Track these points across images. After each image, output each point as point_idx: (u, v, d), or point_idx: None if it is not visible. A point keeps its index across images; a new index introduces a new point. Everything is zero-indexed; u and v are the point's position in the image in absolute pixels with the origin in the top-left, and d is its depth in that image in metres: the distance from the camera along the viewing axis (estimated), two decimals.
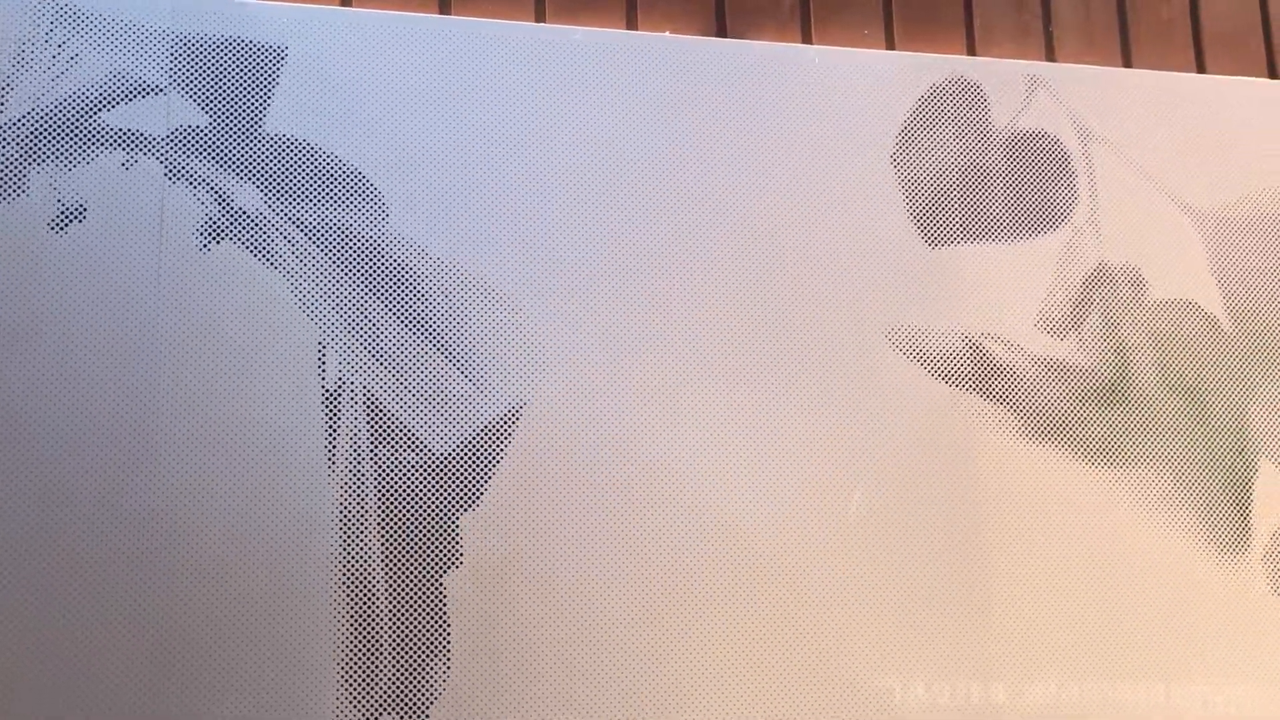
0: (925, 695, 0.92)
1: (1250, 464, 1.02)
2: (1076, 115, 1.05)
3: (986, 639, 0.94)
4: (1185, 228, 1.05)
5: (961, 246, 1.00)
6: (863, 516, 0.94)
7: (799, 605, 0.91)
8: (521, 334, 0.90)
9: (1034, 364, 1.00)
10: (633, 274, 0.93)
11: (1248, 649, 0.99)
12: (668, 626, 0.88)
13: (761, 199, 0.97)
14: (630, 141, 0.95)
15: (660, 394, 0.92)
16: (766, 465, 0.93)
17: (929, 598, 0.94)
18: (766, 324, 0.95)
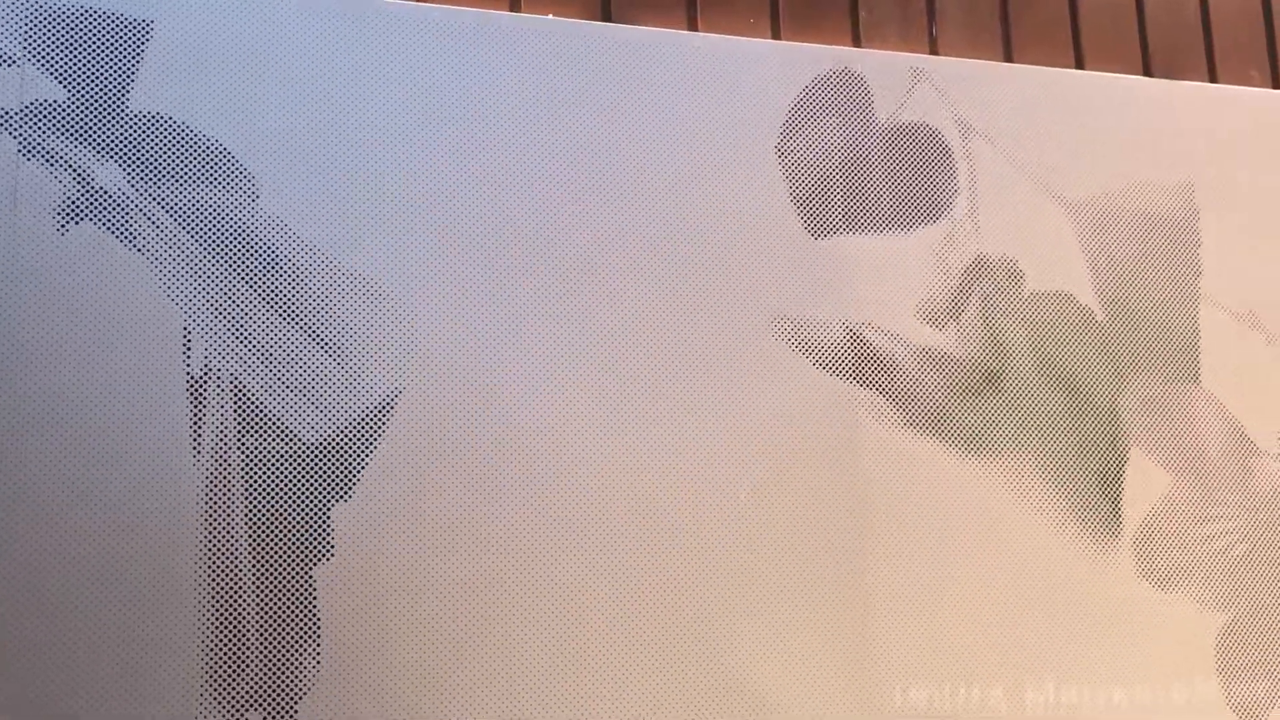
0: (807, 689, 0.92)
1: (1122, 453, 1.05)
2: (958, 109, 1.06)
3: (867, 627, 0.95)
4: (1061, 221, 1.07)
5: (844, 237, 1.01)
6: (751, 506, 0.94)
7: (680, 596, 0.91)
8: (396, 322, 0.88)
9: (914, 354, 1.01)
10: (510, 261, 0.92)
11: (1117, 632, 1.01)
12: (541, 618, 0.87)
13: (644, 187, 0.96)
14: (510, 126, 0.94)
15: (539, 383, 0.91)
16: (648, 455, 0.92)
17: (812, 587, 0.94)
18: (650, 312, 0.95)
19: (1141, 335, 1.07)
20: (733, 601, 0.92)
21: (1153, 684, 1.01)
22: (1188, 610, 1.04)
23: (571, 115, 0.95)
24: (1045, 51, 1.12)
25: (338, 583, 0.84)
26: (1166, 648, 1.02)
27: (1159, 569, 1.03)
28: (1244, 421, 1.09)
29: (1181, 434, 1.07)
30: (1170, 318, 1.08)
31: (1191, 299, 1.09)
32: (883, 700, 0.94)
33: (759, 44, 1.02)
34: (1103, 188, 1.09)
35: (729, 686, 0.90)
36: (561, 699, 0.86)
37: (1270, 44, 1.21)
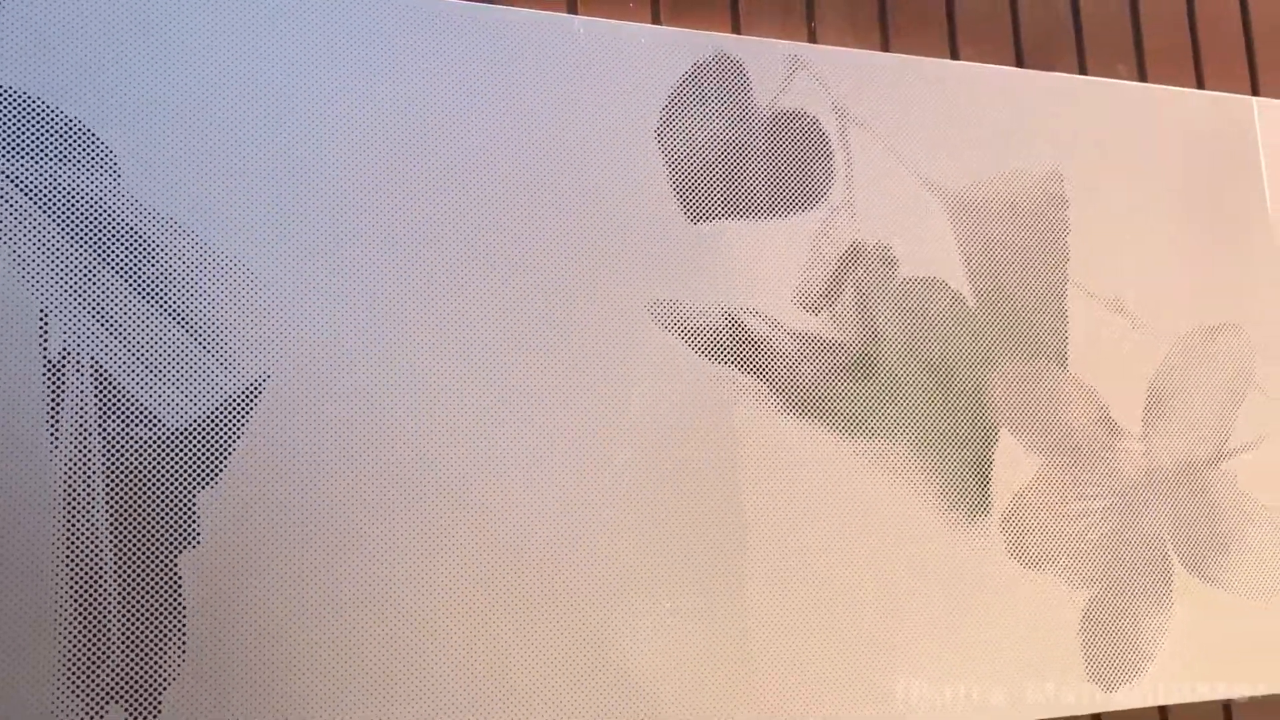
0: (682, 678, 0.93)
1: (991, 434, 1.07)
2: (836, 97, 1.07)
3: (744, 613, 0.96)
4: (934, 208, 1.09)
5: (723, 222, 1.02)
6: (623, 490, 0.94)
7: (550, 584, 0.91)
8: (265, 304, 0.86)
9: (791, 338, 1.02)
10: (384, 243, 0.91)
11: (987, 610, 1.04)
12: (410, 609, 0.86)
13: (523, 170, 0.96)
14: (384, 108, 0.92)
15: (415, 368, 0.90)
16: (521, 441, 0.92)
17: (688, 572, 0.95)
18: (526, 297, 0.94)
19: (1011, 320, 1.10)
20: (607, 588, 0.92)
21: (1020, 659, 1.04)
22: (1054, 587, 1.07)
23: (446, 98, 0.94)
24: (922, 41, 1.14)
25: (204, 571, 0.82)
26: (1033, 624, 1.06)
27: (1027, 548, 1.07)
28: (1109, 404, 1.12)
29: (1049, 417, 1.10)
30: (1039, 303, 1.12)
31: (1059, 285, 1.13)
32: (761, 685, 0.95)
33: (639, 28, 1.02)
34: (975, 176, 1.11)
35: (603, 677, 0.91)
36: (431, 693, 0.86)
37: (1137, 39, 1.25)
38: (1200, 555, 1.13)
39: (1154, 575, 1.11)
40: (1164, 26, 1.26)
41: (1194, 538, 1.13)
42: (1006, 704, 1.03)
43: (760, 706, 0.95)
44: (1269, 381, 1.19)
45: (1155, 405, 1.14)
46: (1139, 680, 1.08)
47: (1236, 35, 1.30)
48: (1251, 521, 1.15)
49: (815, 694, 0.97)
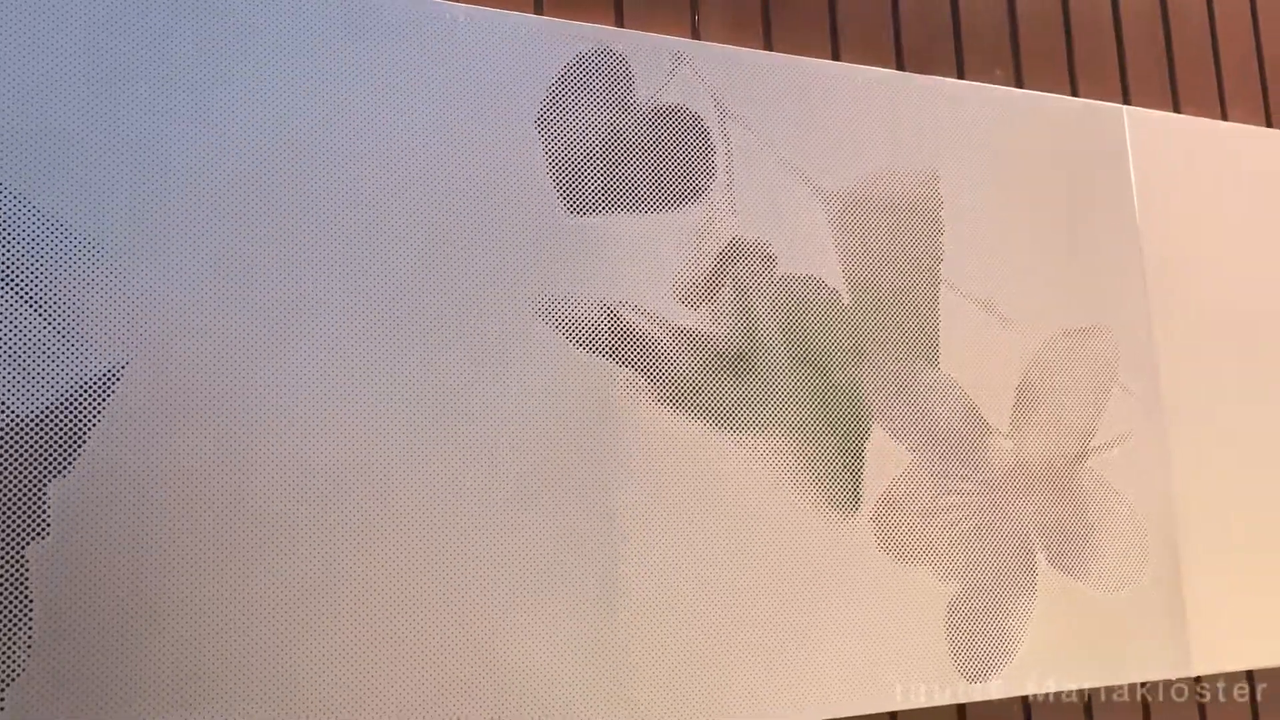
0: (557, 672, 0.93)
1: (864, 431, 1.09)
2: (717, 93, 1.08)
3: (617, 607, 0.96)
4: (813, 206, 1.10)
5: (603, 216, 1.02)
6: (501, 484, 0.93)
7: (429, 583, 0.90)
8: (124, 287, 0.84)
9: (670, 333, 1.03)
10: (252, 231, 0.89)
11: (857, 602, 1.06)
12: (280, 606, 0.85)
13: (398, 158, 0.95)
14: (259, 94, 0.90)
15: (283, 359, 0.88)
16: (401, 434, 0.91)
17: (565, 566, 0.95)
18: (403, 288, 0.93)
19: (885, 318, 1.12)
20: (483, 583, 0.92)
21: (888, 651, 1.06)
22: (922, 580, 1.09)
23: (325, 85, 0.93)
24: (804, 42, 1.16)
25: (53, 563, 0.79)
26: (901, 616, 1.08)
27: (896, 542, 1.09)
28: (978, 402, 1.15)
29: (921, 413, 1.12)
30: (912, 302, 1.14)
31: (933, 285, 1.15)
32: (636, 683, 0.96)
33: (522, 19, 1.02)
34: (853, 175, 1.13)
35: (479, 672, 0.90)
36: (296, 693, 0.84)
37: (1015, 45, 1.28)
38: (1064, 549, 1.16)
39: (1019, 569, 1.14)
40: (1041, 34, 1.29)
41: (1058, 532, 1.17)
42: (875, 696, 1.05)
43: (636, 704, 0.95)
44: (1133, 381, 1.23)
45: (1023, 403, 1.17)
46: (1002, 671, 1.11)
47: (1110, 45, 1.34)
48: (1113, 516, 1.19)
49: (689, 690, 0.98)
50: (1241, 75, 1.43)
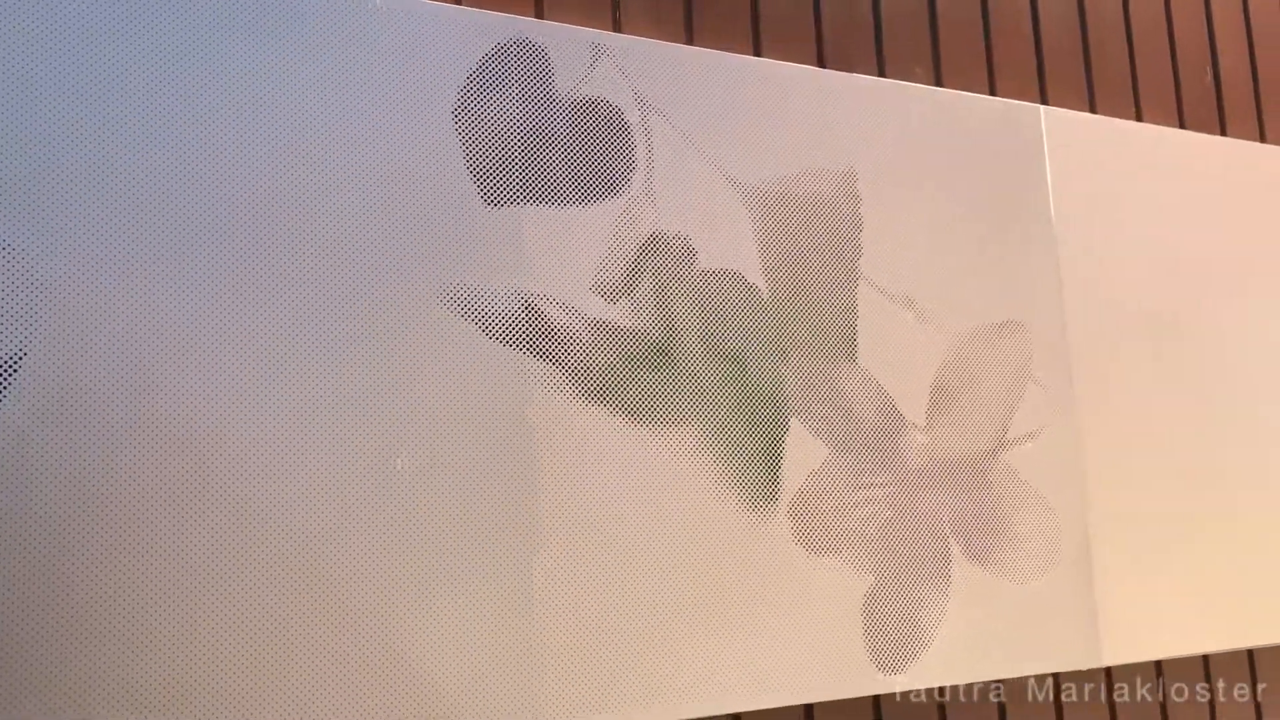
0: (470, 670, 0.92)
1: (782, 423, 1.10)
2: (638, 87, 1.08)
3: (533, 603, 0.95)
4: (733, 201, 1.11)
5: (521, 207, 1.01)
6: (412, 478, 0.93)
7: (341, 579, 0.89)
8: (21, 276, 0.82)
9: (588, 326, 1.02)
10: (158, 222, 0.87)
11: (773, 595, 1.06)
12: (172, 599, 0.83)
13: (313, 150, 0.93)
14: (169, 84, 0.88)
15: (189, 352, 0.86)
16: (308, 428, 0.90)
17: (478, 560, 0.94)
18: (314, 279, 0.92)
19: (804, 313, 1.13)
20: (392, 583, 0.91)
21: (804, 644, 1.07)
22: (838, 573, 1.10)
23: (235, 73, 0.91)
24: (726, 37, 1.16)
25: None
26: (818, 609, 1.09)
27: (813, 535, 1.10)
28: (895, 397, 1.16)
29: (839, 408, 1.13)
30: (831, 297, 1.15)
31: (851, 281, 1.16)
32: (550, 680, 0.95)
33: (439, 8, 1.01)
34: (774, 171, 1.14)
35: (388, 672, 0.89)
36: (195, 688, 0.83)
37: (935, 44, 1.29)
38: (978, 542, 1.18)
39: (934, 561, 1.16)
40: (961, 33, 1.31)
41: (973, 525, 1.18)
42: (790, 688, 1.06)
43: (550, 700, 0.95)
44: (1047, 376, 1.25)
45: (940, 398, 1.19)
46: (917, 663, 1.13)
47: (1028, 45, 1.36)
48: (1027, 509, 1.21)
49: (605, 687, 0.98)
50: (1157, 77, 1.46)
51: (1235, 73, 1.53)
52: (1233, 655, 1.38)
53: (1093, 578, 1.24)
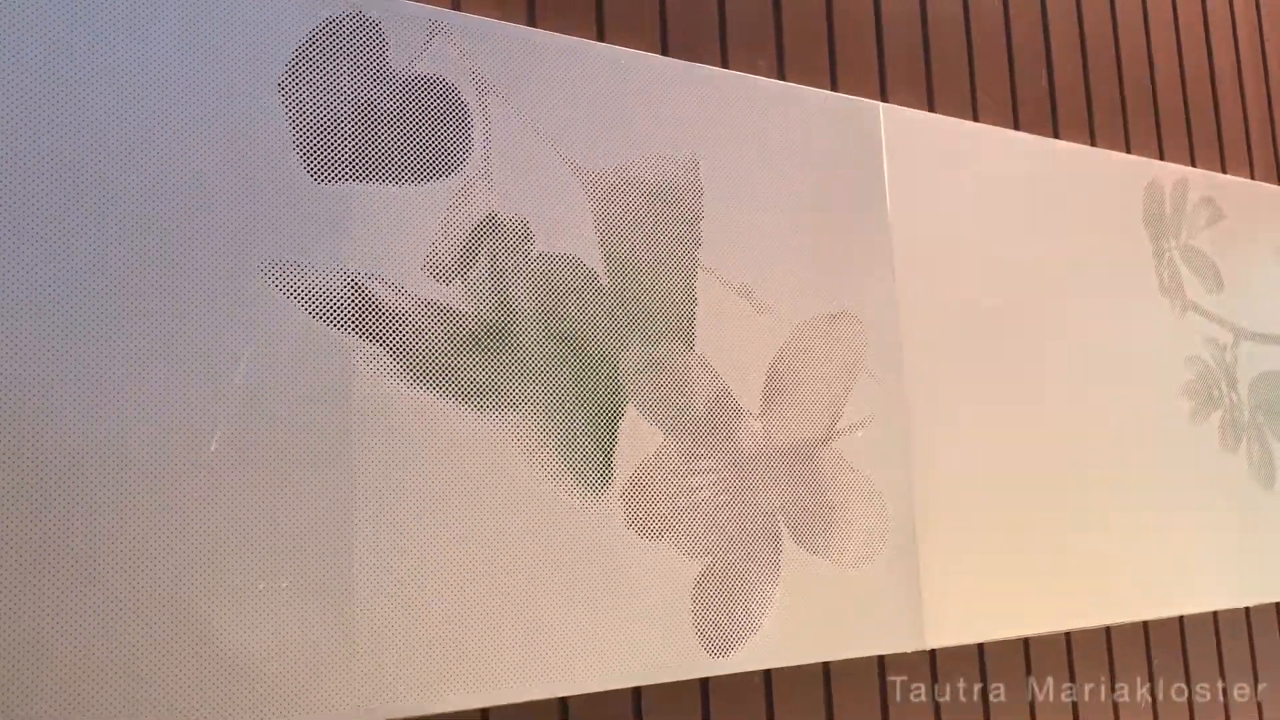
0: (289, 657, 0.90)
1: (618, 408, 1.10)
2: (476, 67, 1.07)
3: (352, 588, 0.94)
4: (572, 185, 1.10)
5: (350, 184, 0.99)
6: (226, 457, 0.90)
7: (152, 562, 0.86)
8: None
9: (418, 307, 1.01)
10: None
11: (605, 579, 1.07)
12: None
13: (132, 119, 0.90)
14: None
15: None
16: (120, 407, 0.86)
17: (296, 543, 0.92)
18: (129, 252, 0.88)
19: (643, 299, 1.13)
20: (205, 567, 0.88)
21: (633, 626, 1.08)
22: (669, 557, 1.11)
23: (52, 42, 0.87)
24: (569, 20, 1.15)
25: None
26: (648, 592, 1.09)
27: (645, 519, 1.10)
28: (731, 384, 1.18)
29: (675, 394, 1.14)
30: (670, 284, 1.15)
31: (690, 268, 1.17)
32: (368, 667, 0.94)
33: None
34: (615, 157, 1.14)
35: (201, 660, 0.87)
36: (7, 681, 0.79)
37: (779, 37, 1.31)
38: (807, 527, 1.21)
39: (765, 546, 1.18)
40: (804, 27, 1.33)
41: (803, 511, 1.21)
42: (617, 672, 1.06)
43: (372, 687, 0.94)
44: (879, 367, 1.28)
45: (774, 386, 1.21)
46: (745, 646, 1.15)
47: (870, 42, 1.39)
48: (856, 495, 1.24)
49: (427, 672, 0.97)
50: (993, 79, 1.50)
51: (1069, 78, 1.59)
52: (1050, 639, 1.44)
53: (918, 564, 1.27)
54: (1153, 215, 1.61)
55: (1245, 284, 1.71)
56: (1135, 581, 1.49)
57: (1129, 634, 1.52)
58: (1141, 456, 1.53)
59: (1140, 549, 1.50)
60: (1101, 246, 1.54)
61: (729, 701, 1.17)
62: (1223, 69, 1.80)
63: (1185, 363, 1.60)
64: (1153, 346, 1.57)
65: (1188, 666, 1.58)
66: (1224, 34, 1.82)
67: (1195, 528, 1.57)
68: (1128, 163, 1.60)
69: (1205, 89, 1.77)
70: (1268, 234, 1.77)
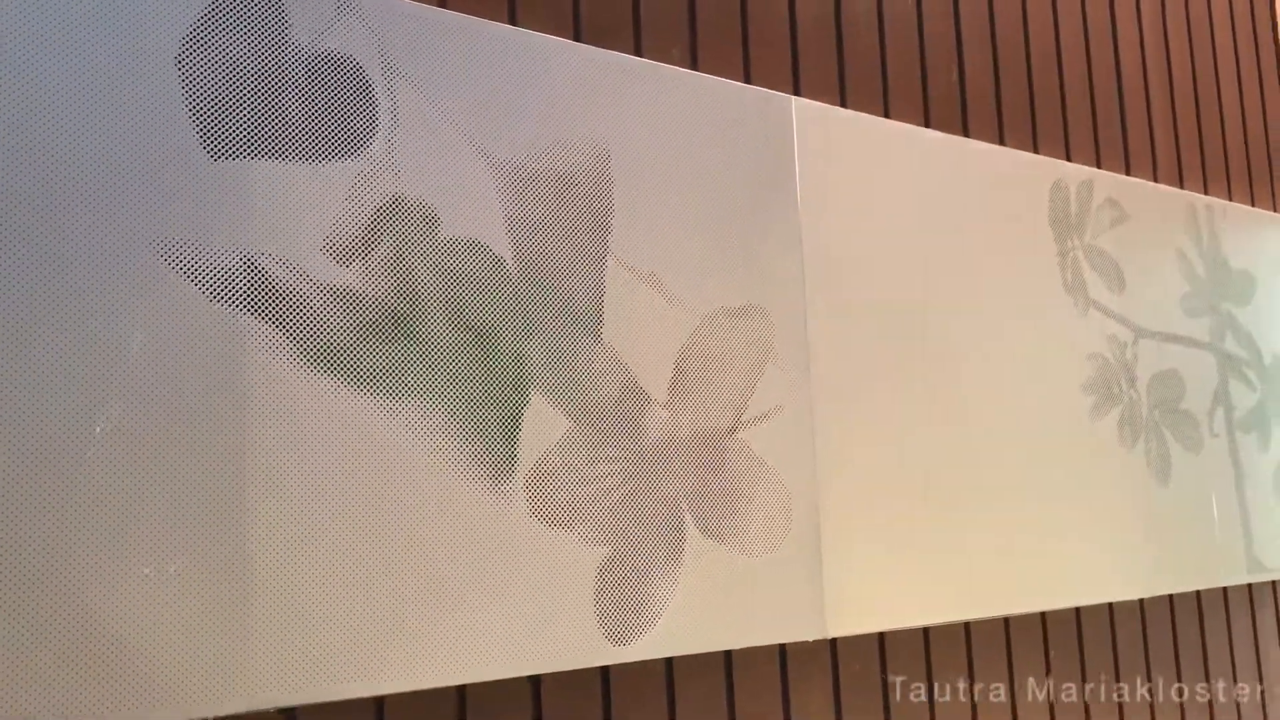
0: (179, 646, 0.88)
1: (523, 397, 1.10)
2: (384, 46, 1.05)
3: (247, 576, 0.92)
4: (481, 171, 1.09)
5: (249, 162, 0.97)
6: (112, 442, 0.87)
7: (30, 547, 0.83)
8: None
9: (317, 290, 0.99)
10: None
11: (508, 568, 1.06)
12: None
13: (21, 92, 0.86)
14: None
15: None
16: (6, 381, 0.84)
17: (185, 531, 0.90)
18: (20, 226, 0.85)
19: (551, 288, 1.13)
20: (93, 554, 0.86)
21: (535, 615, 1.07)
22: (572, 546, 1.11)
23: None
24: (480, 2, 1.14)
25: None
26: (550, 581, 1.09)
27: (548, 508, 1.10)
28: (638, 373, 1.18)
29: (581, 383, 1.14)
30: (579, 273, 1.15)
31: (600, 258, 1.17)
32: (261, 656, 0.92)
33: None
34: (525, 144, 1.13)
35: (87, 650, 0.84)
36: None
37: (692, 26, 1.31)
38: (712, 516, 1.21)
39: (669, 535, 1.18)
40: (719, 19, 1.33)
41: (708, 500, 1.21)
42: (516, 660, 1.06)
43: (265, 677, 0.92)
44: (786, 359, 1.29)
45: (682, 376, 1.21)
46: (648, 634, 1.15)
47: (784, 37, 1.39)
48: (761, 485, 1.25)
49: (323, 662, 0.95)
50: (905, 76, 1.52)
51: (979, 77, 1.61)
52: (950, 629, 1.47)
53: (821, 553, 1.29)
54: (1058, 215, 1.64)
55: (1146, 284, 1.75)
56: (1034, 573, 1.52)
57: (1027, 625, 1.56)
58: (1043, 451, 1.56)
59: (1039, 542, 1.53)
60: (1008, 244, 1.57)
61: (630, 690, 1.17)
62: (1129, 73, 1.85)
63: (1087, 360, 1.64)
64: (1056, 343, 1.60)
65: (1083, 657, 1.62)
66: (1131, 39, 1.86)
67: (1093, 522, 1.61)
68: (1035, 162, 1.63)
69: (1112, 92, 1.81)
70: (1169, 235, 1.82)
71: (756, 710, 1.27)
